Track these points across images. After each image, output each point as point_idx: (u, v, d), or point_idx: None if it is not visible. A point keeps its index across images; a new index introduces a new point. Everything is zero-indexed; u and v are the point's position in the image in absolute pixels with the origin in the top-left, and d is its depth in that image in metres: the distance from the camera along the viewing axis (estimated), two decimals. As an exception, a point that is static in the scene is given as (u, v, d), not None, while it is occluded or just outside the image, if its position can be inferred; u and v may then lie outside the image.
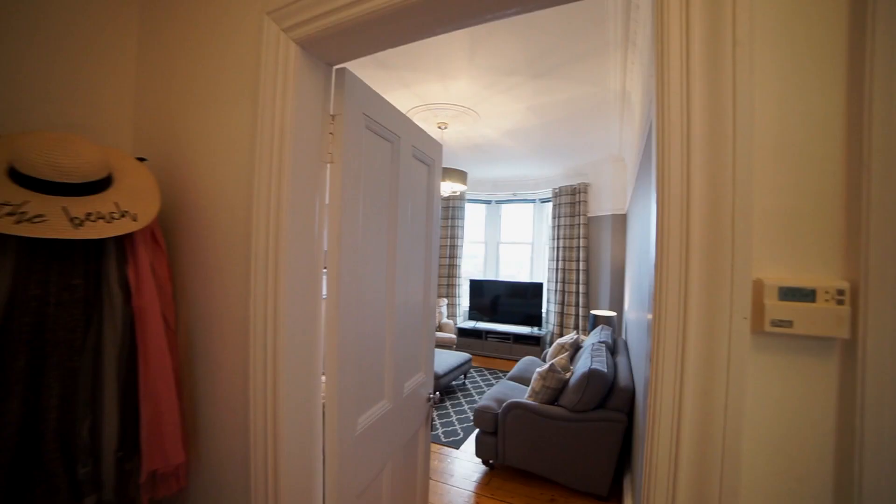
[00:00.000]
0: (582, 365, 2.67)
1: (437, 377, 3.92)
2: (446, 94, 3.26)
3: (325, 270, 1.08)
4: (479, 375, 5.08)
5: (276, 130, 0.97)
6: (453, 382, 4.64)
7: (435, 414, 3.81)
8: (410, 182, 1.61)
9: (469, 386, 4.67)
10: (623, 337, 4.19)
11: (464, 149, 5.02)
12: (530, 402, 2.66)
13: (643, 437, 0.83)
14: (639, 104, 2.78)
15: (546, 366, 2.72)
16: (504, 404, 2.70)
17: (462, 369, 4.53)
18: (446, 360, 4.36)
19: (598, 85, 3.07)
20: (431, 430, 2.26)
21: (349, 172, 1.12)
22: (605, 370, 2.47)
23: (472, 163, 5.73)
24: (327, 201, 1.09)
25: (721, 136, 0.63)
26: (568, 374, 2.77)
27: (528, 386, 3.42)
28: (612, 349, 3.36)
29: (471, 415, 3.76)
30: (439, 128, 3.99)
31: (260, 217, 0.98)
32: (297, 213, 1.01)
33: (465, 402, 4.14)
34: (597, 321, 4.30)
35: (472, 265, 7.22)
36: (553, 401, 2.70)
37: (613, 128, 4.16)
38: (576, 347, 3.76)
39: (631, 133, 3.78)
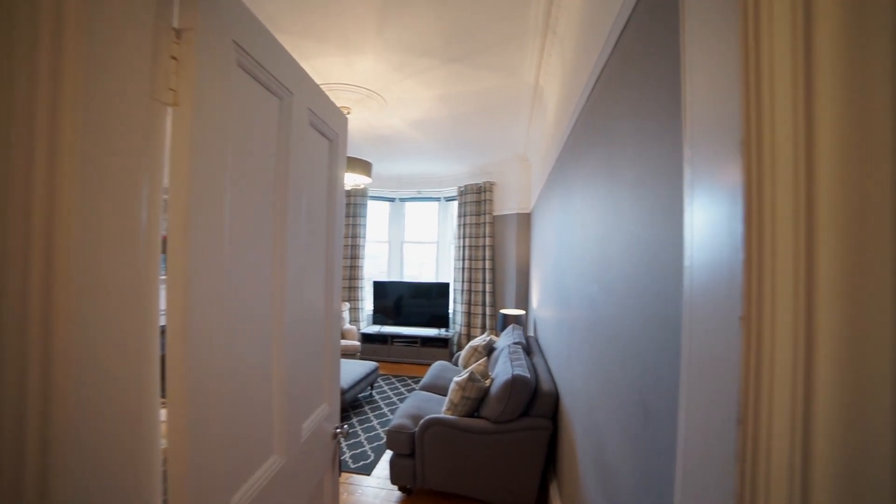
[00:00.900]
0: (502, 370, 2.50)
1: (342, 392, 3.48)
2: (351, 72, 2.86)
3: (163, 278, 0.66)
4: (388, 384, 4.73)
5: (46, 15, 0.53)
6: (360, 395, 4.22)
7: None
8: (307, 158, 1.22)
9: (377, 398, 4.28)
10: (533, 335, 4.19)
11: (368, 140, 4.62)
12: (449, 416, 2.41)
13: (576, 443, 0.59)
14: (554, 99, 2.71)
15: (465, 374, 2.49)
16: (421, 422, 2.41)
17: (369, 380, 4.14)
18: (351, 371, 3.92)
19: (513, 76, 2.95)
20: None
21: (207, 125, 0.72)
22: (528, 375, 2.32)
23: (376, 157, 5.34)
24: (167, 168, 0.68)
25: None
26: (488, 382, 2.59)
27: (443, 396, 3.18)
28: (527, 349, 3.28)
29: (381, 432, 3.40)
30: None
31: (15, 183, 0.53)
32: (99, 184, 0.58)
33: (375, 416, 3.76)
34: (506, 320, 4.26)
35: (375, 266, 6.81)
36: (474, 412, 2.48)
37: (521, 125, 4.14)
38: (489, 349, 3.63)
39: (540, 131, 3.77)
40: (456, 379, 2.54)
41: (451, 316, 5.96)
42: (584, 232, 1.76)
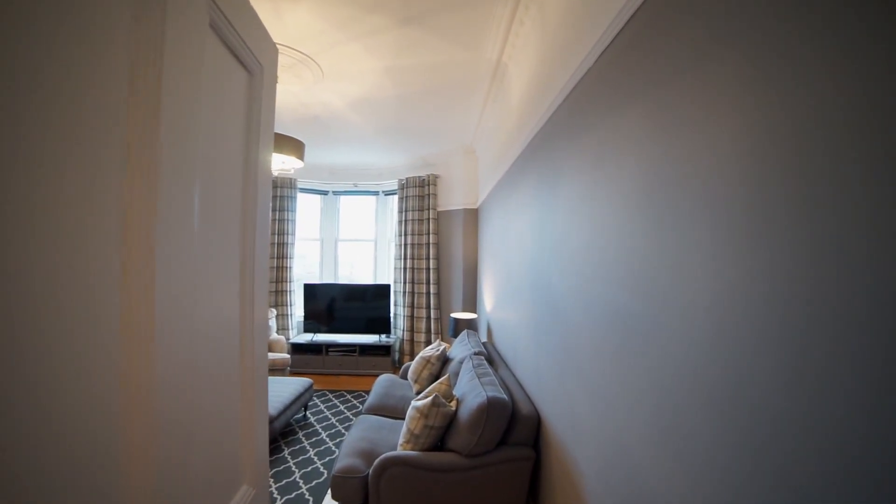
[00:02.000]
0: (470, 390, 2.12)
1: (271, 420, 2.89)
2: (280, 27, 2.28)
3: None
4: (325, 403, 4.14)
5: None
6: (294, 418, 3.61)
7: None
8: (208, 91, 0.73)
9: (313, 420, 3.70)
10: (487, 340, 3.88)
11: (297, 120, 3.98)
12: (410, 452, 1.98)
13: None
14: (525, 77, 2.37)
15: (427, 400, 2.07)
16: (375, 462, 1.95)
17: (302, 400, 3.54)
18: (280, 392, 3.31)
19: (474, 49, 2.57)
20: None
21: None
22: (504, 396, 1.97)
23: (307, 142, 4.69)
24: None
25: None
26: (453, 405, 2.19)
27: (395, 419, 2.72)
28: (489, 360, 2.94)
29: (320, 465, 2.86)
30: (264, 83, 2.92)
31: None
32: None
33: (312, 445, 3.19)
34: (458, 326, 3.90)
35: (306, 267, 6.11)
36: (439, 444, 2.08)
37: (474, 112, 3.79)
38: (443, 360, 3.24)
39: (496, 117, 3.45)
40: (416, 404, 2.11)
41: (392, 320, 5.48)
42: (591, 225, 1.43)
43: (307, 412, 3.86)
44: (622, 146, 1.21)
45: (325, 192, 5.97)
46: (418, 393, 3.13)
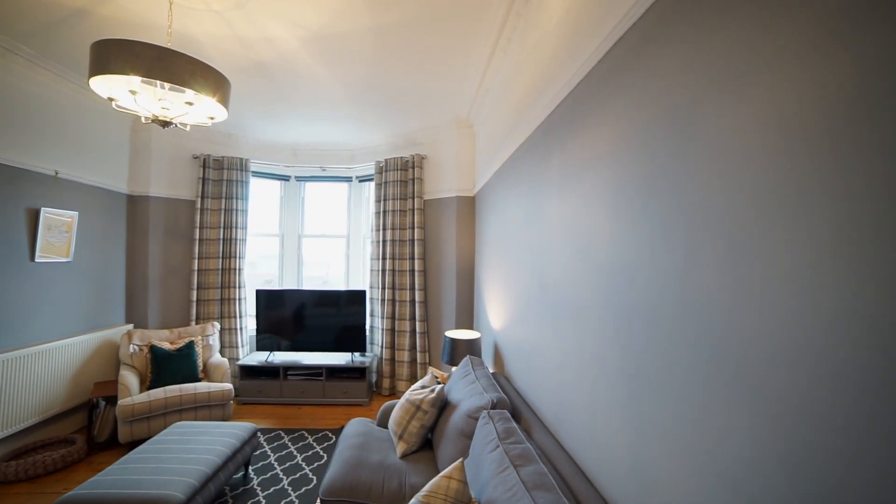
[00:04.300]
0: (502, 495, 1.16)
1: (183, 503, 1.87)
2: None
3: None
4: (277, 449, 3.11)
5: None
6: (232, 480, 2.57)
7: None
8: None
9: (256, 483, 2.67)
10: (493, 370, 2.93)
11: (237, 69, 2.93)
12: None
13: None
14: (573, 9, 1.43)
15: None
16: None
17: (241, 457, 2.51)
18: (206, 448, 2.28)
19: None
20: None
21: None
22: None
23: (259, 106, 3.63)
24: None
25: None
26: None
27: (369, 515, 1.74)
28: (513, 412, 1.99)
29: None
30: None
31: None
32: None
33: (243, 534, 2.17)
34: (456, 349, 2.93)
35: (263, 268, 5.02)
36: None
37: (475, 67, 2.84)
38: (440, 406, 2.27)
39: (508, 71, 2.50)
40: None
41: (368, 335, 4.47)
42: None
43: (249, 471, 2.81)
44: None
45: (286, 178, 4.89)
46: (404, 455, 2.16)
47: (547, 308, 1.88)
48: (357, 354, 4.33)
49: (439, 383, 2.45)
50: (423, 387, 2.37)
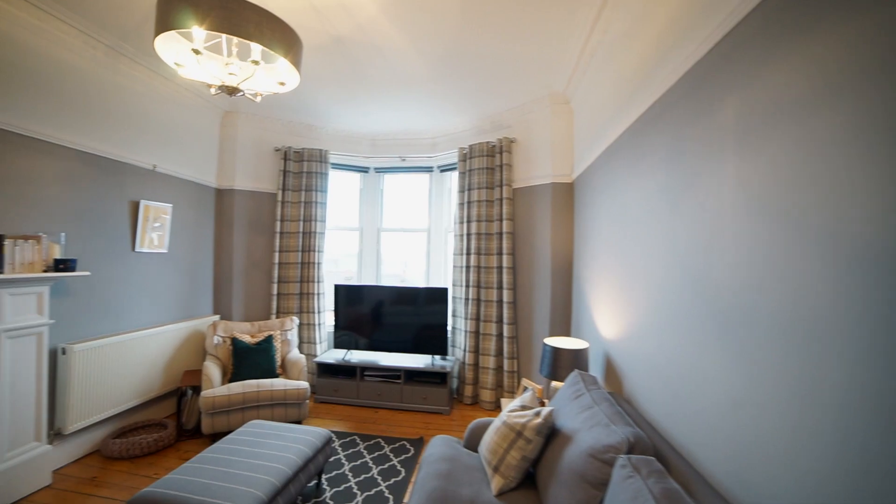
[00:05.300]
0: None
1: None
2: None
3: None
4: (351, 457, 2.85)
5: None
6: (305, 489, 2.33)
7: None
8: None
9: (329, 497, 2.40)
10: (605, 389, 2.37)
11: (313, 47, 2.72)
12: None
13: None
14: None
15: None
16: None
17: (312, 468, 2.26)
18: (277, 453, 2.05)
19: None
20: None
21: None
22: None
23: (336, 91, 3.44)
24: None
25: None
26: None
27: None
28: (656, 454, 1.45)
29: None
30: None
31: None
32: None
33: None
34: (558, 359, 2.41)
35: (342, 263, 4.90)
36: None
37: (578, 29, 2.33)
38: (546, 434, 1.78)
39: (622, 25, 1.95)
40: None
41: (449, 337, 4.10)
42: None
43: (322, 480, 2.57)
44: None
45: (364, 170, 4.73)
46: (501, 493, 1.71)
47: (709, 319, 1.32)
48: (437, 358, 3.98)
49: (541, 403, 1.97)
50: (524, 407, 1.90)
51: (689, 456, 1.41)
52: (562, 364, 2.39)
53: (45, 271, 2.45)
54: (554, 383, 2.50)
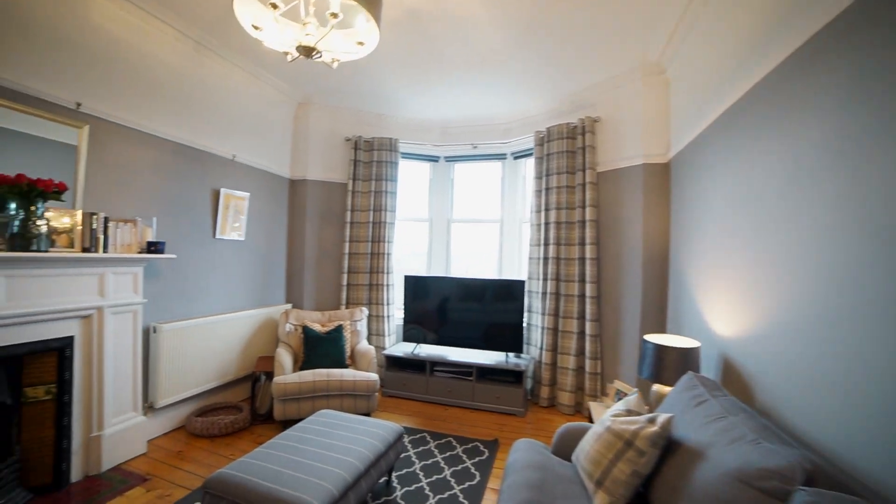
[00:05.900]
0: None
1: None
2: None
3: None
4: (421, 455, 2.69)
5: None
6: (376, 487, 2.19)
7: None
8: None
9: (399, 495, 2.25)
10: (733, 399, 1.97)
11: (388, 22, 2.59)
12: None
13: None
14: None
15: None
16: None
17: (383, 465, 2.11)
18: (348, 445, 1.94)
19: None
20: None
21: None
22: None
23: (407, 73, 3.31)
24: None
25: None
26: None
27: None
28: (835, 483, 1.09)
29: None
30: None
31: None
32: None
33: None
34: (663, 359, 2.05)
35: (411, 255, 4.80)
36: None
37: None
38: (662, 446, 1.45)
39: None
40: None
41: (525, 333, 3.81)
42: None
43: (392, 478, 2.42)
44: None
45: (434, 159, 4.59)
46: (606, 514, 1.42)
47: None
48: (512, 355, 3.72)
49: (648, 409, 1.64)
50: (629, 412, 1.59)
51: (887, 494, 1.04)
52: (667, 365, 2.03)
53: (139, 253, 2.57)
54: (655, 387, 2.13)
